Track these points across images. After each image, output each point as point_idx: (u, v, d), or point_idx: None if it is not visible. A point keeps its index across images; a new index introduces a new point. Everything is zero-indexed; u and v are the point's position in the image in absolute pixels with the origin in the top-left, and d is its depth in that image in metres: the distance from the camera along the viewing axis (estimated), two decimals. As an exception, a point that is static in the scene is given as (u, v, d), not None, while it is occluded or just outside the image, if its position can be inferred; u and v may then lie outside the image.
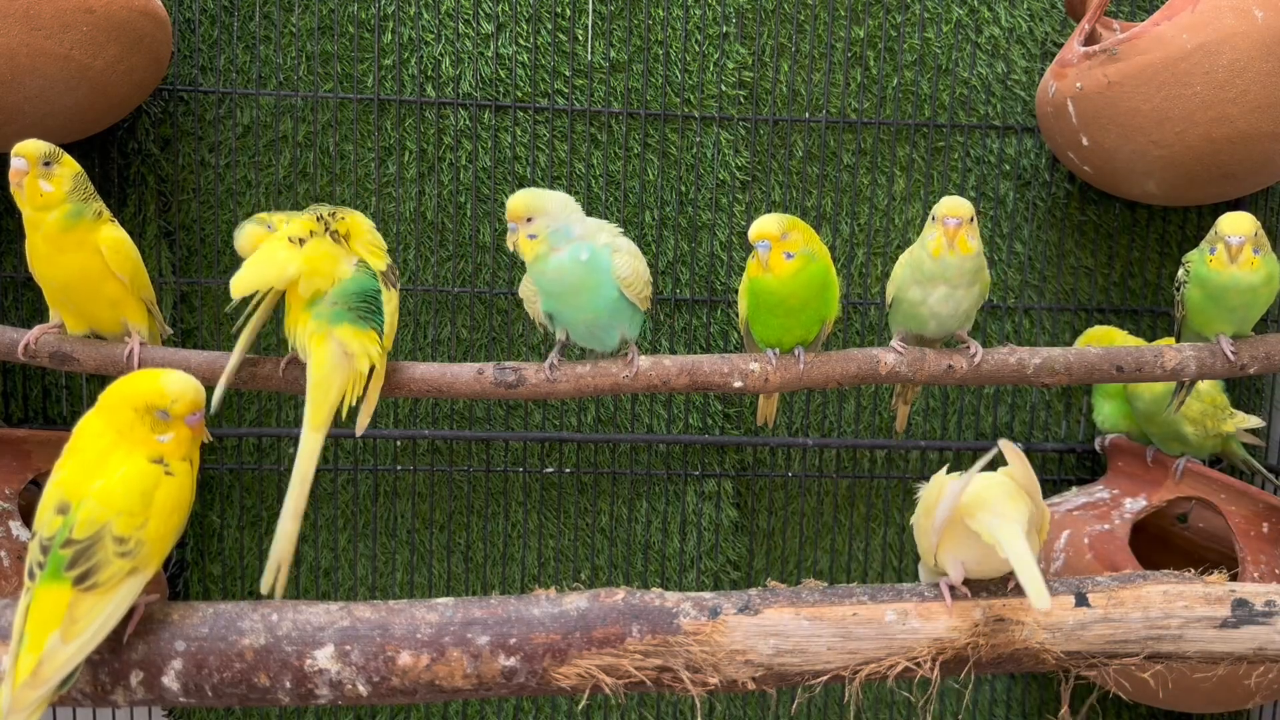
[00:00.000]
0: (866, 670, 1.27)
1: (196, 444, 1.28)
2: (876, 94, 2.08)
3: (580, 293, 1.50)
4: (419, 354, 2.06)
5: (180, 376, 1.25)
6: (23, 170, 1.42)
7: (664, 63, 2.03)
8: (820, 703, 2.21)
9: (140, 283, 1.55)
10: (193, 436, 1.26)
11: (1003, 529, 1.21)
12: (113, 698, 1.20)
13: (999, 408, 2.18)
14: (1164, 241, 2.17)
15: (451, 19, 1.99)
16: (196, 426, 1.25)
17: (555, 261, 1.48)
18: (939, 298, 1.56)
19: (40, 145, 1.43)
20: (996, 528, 1.21)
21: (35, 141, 1.43)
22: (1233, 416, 1.93)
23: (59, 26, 1.59)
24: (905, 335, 1.64)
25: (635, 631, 1.25)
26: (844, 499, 2.18)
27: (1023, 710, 2.24)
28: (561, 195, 1.51)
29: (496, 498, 2.11)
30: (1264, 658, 1.31)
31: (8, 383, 2.02)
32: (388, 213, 2.02)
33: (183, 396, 1.23)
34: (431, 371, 1.55)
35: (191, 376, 1.26)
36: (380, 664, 1.22)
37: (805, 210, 2.09)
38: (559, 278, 1.49)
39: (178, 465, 1.22)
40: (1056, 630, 1.29)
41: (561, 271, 1.48)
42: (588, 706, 2.15)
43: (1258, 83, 1.71)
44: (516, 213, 1.48)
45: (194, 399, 1.24)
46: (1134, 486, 1.99)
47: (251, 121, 1.99)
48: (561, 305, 1.53)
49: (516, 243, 1.49)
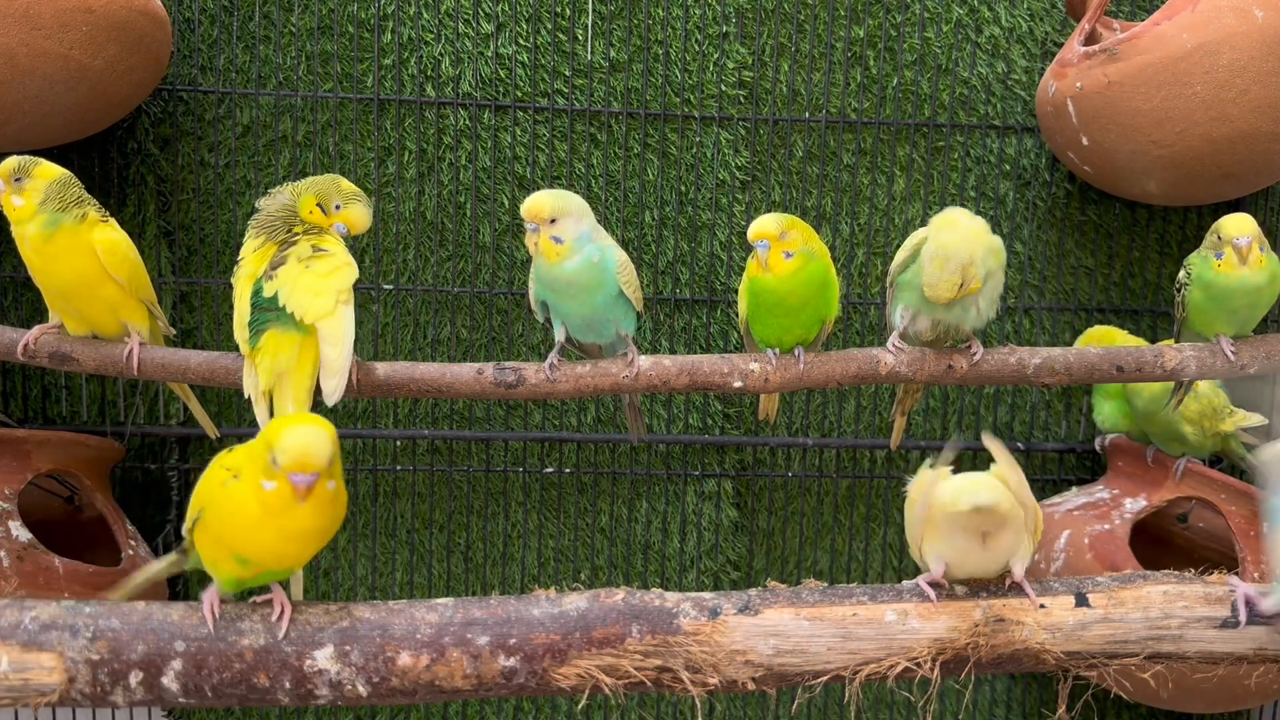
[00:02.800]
0: (866, 670, 1.27)
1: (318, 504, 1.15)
2: (876, 94, 2.08)
3: (589, 291, 1.51)
4: (419, 354, 2.06)
5: (308, 432, 1.13)
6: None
7: (664, 63, 2.03)
8: (820, 703, 2.21)
9: (139, 284, 1.55)
10: (296, 494, 1.13)
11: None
12: (112, 698, 1.20)
13: (999, 408, 2.18)
14: (1164, 241, 2.17)
15: (451, 19, 1.99)
16: (302, 489, 1.12)
17: (572, 265, 1.49)
18: None
19: (10, 163, 1.46)
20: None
21: (8, 160, 1.46)
22: (1232, 415, 1.92)
23: (59, 26, 1.59)
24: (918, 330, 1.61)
25: (635, 632, 1.25)
26: (844, 499, 2.18)
27: (1023, 710, 2.24)
28: (578, 197, 1.52)
29: (496, 498, 2.11)
30: (1264, 658, 1.31)
31: (8, 383, 2.02)
32: (388, 213, 2.02)
33: (292, 449, 1.12)
34: (431, 371, 1.55)
35: (325, 436, 1.14)
36: (380, 664, 1.22)
37: (805, 210, 2.09)
38: (575, 279, 1.50)
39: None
40: (1056, 630, 1.29)
41: (578, 274, 1.49)
42: (588, 707, 2.15)
43: (1258, 82, 1.71)
44: (540, 214, 1.46)
45: (301, 458, 1.12)
46: (1134, 486, 1.99)
47: (251, 121, 1.99)
48: (564, 300, 1.54)
49: (538, 243, 1.48)
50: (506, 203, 2.04)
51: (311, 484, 1.12)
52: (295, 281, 1.45)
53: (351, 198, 1.56)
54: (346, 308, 1.47)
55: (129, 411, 2.03)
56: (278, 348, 1.44)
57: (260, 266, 1.48)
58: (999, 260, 1.54)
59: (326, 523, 1.18)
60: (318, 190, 1.55)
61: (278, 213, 1.53)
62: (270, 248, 1.49)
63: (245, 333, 1.46)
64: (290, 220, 1.53)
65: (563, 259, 1.48)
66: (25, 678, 1.17)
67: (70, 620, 1.19)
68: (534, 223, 1.47)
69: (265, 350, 1.44)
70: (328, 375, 1.44)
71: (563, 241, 1.47)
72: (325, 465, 1.13)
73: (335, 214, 1.55)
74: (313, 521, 1.16)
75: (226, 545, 1.18)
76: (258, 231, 1.52)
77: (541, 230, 1.47)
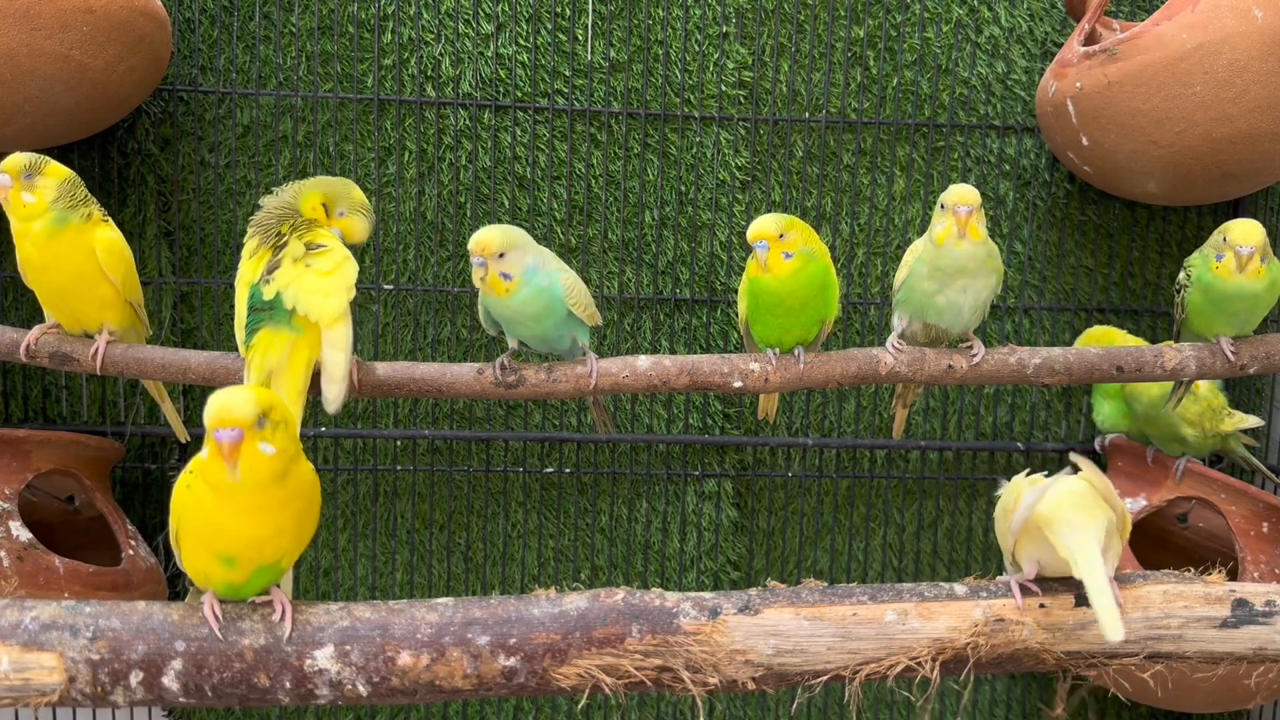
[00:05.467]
0: (866, 670, 1.27)
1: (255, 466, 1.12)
2: (876, 94, 2.08)
3: (538, 319, 1.52)
4: (419, 354, 2.06)
5: (229, 390, 1.12)
6: (6, 186, 1.45)
7: (664, 63, 2.03)
8: (820, 703, 2.21)
9: (130, 285, 1.56)
10: (221, 453, 1.10)
11: (1079, 548, 1.22)
12: (113, 698, 1.20)
13: (999, 408, 2.18)
14: (1164, 241, 2.17)
15: (451, 19, 1.99)
16: (226, 445, 1.09)
17: (521, 297, 1.49)
18: (956, 289, 1.55)
19: (21, 159, 1.46)
20: (1073, 543, 1.22)
21: (17, 155, 1.46)
22: (1231, 416, 1.93)
23: (59, 26, 1.59)
24: (913, 331, 1.63)
25: (635, 631, 1.25)
26: (844, 499, 2.18)
27: (1023, 710, 2.24)
28: (520, 229, 1.52)
29: (496, 498, 2.11)
30: (1264, 658, 1.31)
31: (8, 383, 2.02)
32: (388, 213, 2.02)
33: (211, 406, 1.10)
34: (431, 371, 1.55)
35: (248, 393, 1.12)
36: (380, 664, 1.22)
37: (805, 210, 2.09)
38: (524, 308, 1.50)
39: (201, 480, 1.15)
40: (1056, 630, 1.29)
41: (527, 303, 1.49)
42: (588, 706, 2.15)
43: (1258, 83, 1.71)
44: (490, 248, 1.45)
45: (220, 412, 1.09)
46: (1134, 486, 1.99)
47: (251, 121, 1.99)
48: (516, 326, 1.54)
49: (486, 279, 1.46)
50: (506, 203, 2.04)
51: (235, 440, 1.08)
52: (299, 282, 1.44)
53: (358, 209, 1.57)
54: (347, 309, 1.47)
55: (129, 411, 2.03)
56: (269, 346, 1.43)
57: (256, 272, 1.48)
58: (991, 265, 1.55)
59: (281, 493, 1.15)
60: (326, 190, 1.55)
61: (275, 211, 1.53)
62: (265, 253, 1.49)
63: (243, 334, 1.46)
64: (285, 217, 1.52)
65: (512, 293, 1.48)
66: (25, 678, 1.17)
67: (70, 620, 1.19)
68: (481, 257, 1.45)
69: (257, 349, 1.44)
70: (330, 381, 1.43)
71: (511, 277, 1.46)
72: (247, 421, 1.09)
73: (337, 219, 1.56)
74: (262, 490, 1.13)
75: (203, 544, 1.18)
76: (254, 233, 1.53)
77: (490, 265, 1.46)
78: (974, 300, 1.56)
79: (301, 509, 1.19)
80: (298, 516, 1.19)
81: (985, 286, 1.56)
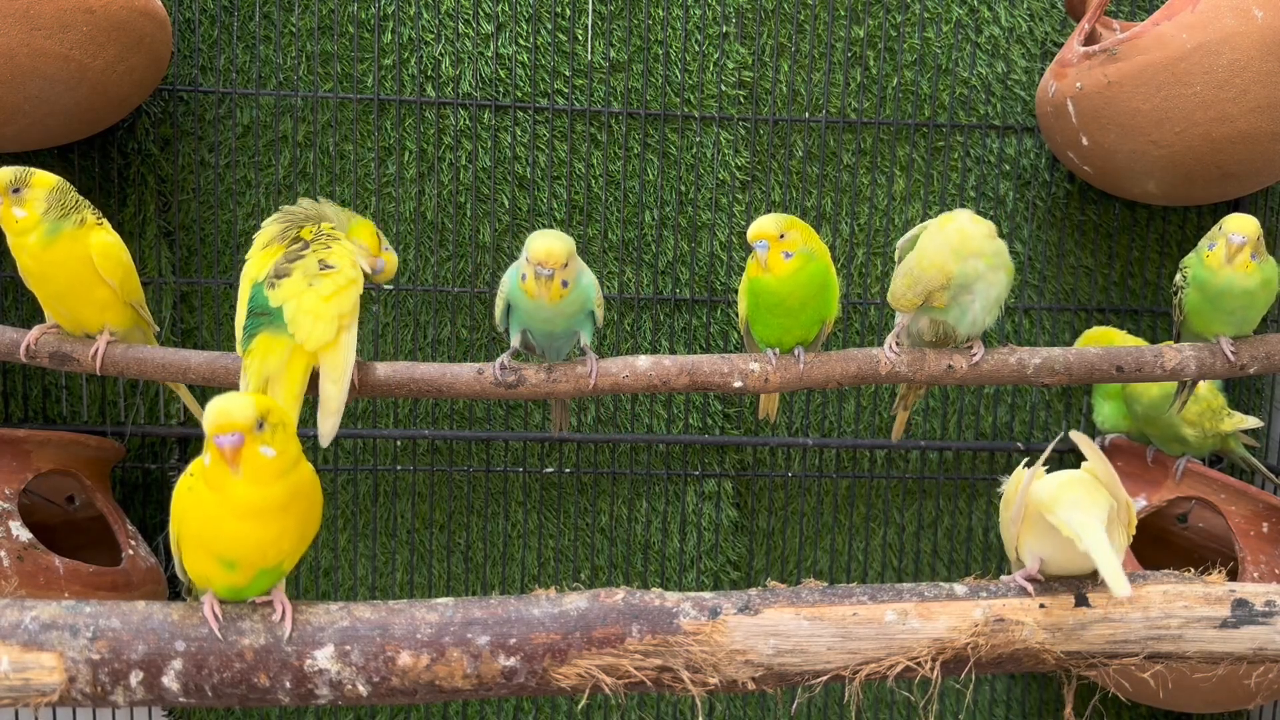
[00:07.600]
0: (866, 670, 1.27)
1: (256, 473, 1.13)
2: (876, 94, 2.08)
3: (569, 317, 1.53)
4: (419, 354, 2.06)
5: (227, 396, 1.13)
6: None
7: (664, 63, 2.03)
8: (820, 703, 2.21)
9: (129, 287, 1.55)
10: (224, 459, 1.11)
11: (1082, 523, 1.22)
12: (113, 698, 1.20)
13: (999, 408, 2.18)
14: (1164, 241, 2.17)
15: (451, 19, 1.99)
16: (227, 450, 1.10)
17: (567, 300, 1.50)
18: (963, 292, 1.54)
19: (6, 175, 1.45)
20: (1075, 522, 1.22)
21: (1, 171, 1.45)
22: (1230, 417, 1.93)
23: (59, 26, 1.59)
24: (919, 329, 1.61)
25: (635, 631, 1.25)
26: (844, 499, 2.18)
27: (1023, 710, 2.24)
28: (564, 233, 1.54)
29: (496, 498, 2.11)
30: (1264, 658, 1.31)
31: (8, 383, 2.02)
32: (388, 213, 2.02)
33: (210, 412, 1.11)
34: (431, 371, 1.55)
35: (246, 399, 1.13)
36: (380, 664, 1.22)
37: (805, 210, 2.09)
38: (561, 309, 1.51)
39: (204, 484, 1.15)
40: (1056, 630, 1.29)
41: (567, 304, 1.51)
42: (588, 706, 2.15)
43: (1258, 82, 1.71)
44: (560, 259, 1.45)
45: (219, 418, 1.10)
46: (1134, 486, 1.99)
47: (251, 121, 1.99)
48: (542, 323, 1.55)
49: (551, 287, 1.46)
50: (506, 203, 2.04)
51: (236, 444, 1.10)
52: (299, 300, 1.44)
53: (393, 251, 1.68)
54: (348, 334, 1.46)
55: (129, 411, 2.03)
56: (267, 351, 1.43)
57: (264, 268, 1.48)
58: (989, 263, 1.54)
59: (282, 495, 1.15)
60: (375, 230, 1.64)
61: (307, 214, 1.54)
62: (277, 249, 1.49)
63: (242, 333, 1.46)
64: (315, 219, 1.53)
65: (564, 298, 1.50)
66: (25, 677, 1.17)
67: (70, 620, 1.19)
68: (550, 268, 1.45)
69: (256, 353, 1.43)
70: (324, 415, 1.44)
71: (568, 284, 1.48)
72: (247, 425, 1.10)
73: (384, 252, 1.65)
74: (261, 492, 1.14)
75: (204, 548, 1.17)
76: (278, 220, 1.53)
77: (557, 274, 1.46)
78: (983, 301, 1.55)
79: (303, 511, 1.19)
80: (300, 519, 1.19)
81: (996, 283, 1.55)
